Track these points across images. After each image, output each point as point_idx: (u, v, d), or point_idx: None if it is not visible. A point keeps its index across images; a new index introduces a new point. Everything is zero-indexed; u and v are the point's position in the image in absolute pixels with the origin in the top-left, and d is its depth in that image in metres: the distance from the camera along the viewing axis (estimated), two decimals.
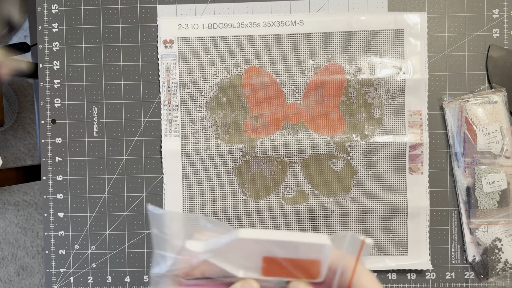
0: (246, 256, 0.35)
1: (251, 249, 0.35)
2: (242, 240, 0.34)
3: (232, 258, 0.35)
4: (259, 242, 0.35)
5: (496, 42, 0.65)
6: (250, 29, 0.66)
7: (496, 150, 0.63)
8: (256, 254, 0.35)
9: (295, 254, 0.35)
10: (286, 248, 0.35)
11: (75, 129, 0.68)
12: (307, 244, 0.34)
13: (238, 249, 0.35)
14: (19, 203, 1.42)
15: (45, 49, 0.68)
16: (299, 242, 0.34)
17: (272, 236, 0.34)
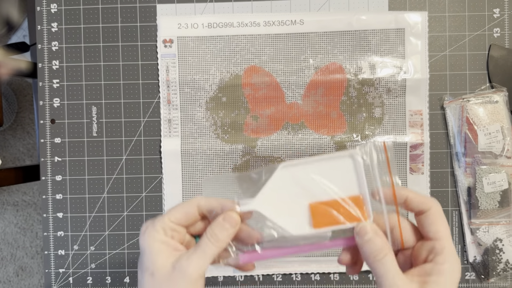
0: (295, 208, 0.38)
1: (296, 193, 0.38)
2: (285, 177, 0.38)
3: (281, 210, 0.38)
4: (297, 170, 0.38)
5: (497, 41, 0.65)
6: (250, 29, 0.65)
7: (497, 150, 0.63)
8: (303, 201, 0.38)
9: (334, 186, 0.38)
10: (322, 173, 0.38)
11: (74, 129, 0.67)
12: (337, 158, 0.38)
13: (285, 196, 0.38)
14: (18, 203, 1.42)
15: (44, 49, 0.67)
16: (330, 157, 0.38)
17: (306, 160, 0.38)
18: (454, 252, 0.36)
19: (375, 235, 0.36)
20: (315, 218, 0.38)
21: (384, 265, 0.34)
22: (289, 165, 0.39)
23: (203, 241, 0.37)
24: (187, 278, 0.35)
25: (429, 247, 0.36)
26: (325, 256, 0.66)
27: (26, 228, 1.42)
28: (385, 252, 0.35)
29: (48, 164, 0.67)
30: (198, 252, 0.37)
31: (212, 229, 0.38)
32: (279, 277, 0.66)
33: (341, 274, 0.66)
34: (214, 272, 0.66)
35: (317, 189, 0.38)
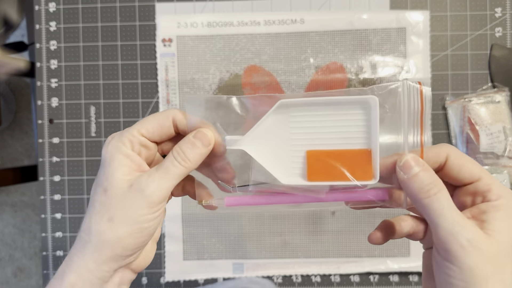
0: (289, 155, 0.34)
1: (293, 137, 0.34)
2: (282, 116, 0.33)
3: (272, 154, 0.34)
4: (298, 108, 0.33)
5: (499, 41, 0.65)
6: (250, 28, 0.65)
7: (499, 151, 0.62)
8: (299, 147, 0.33)
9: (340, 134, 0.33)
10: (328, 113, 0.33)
11: (72, 129, 0.67)
12: (349, 101, 0.33)
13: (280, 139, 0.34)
14: (17, 204, 1.41)
15: (43, 48, 0.67)
16: (340, 99, 0.33)
17: (312, 99, 0.33)
18: (503, 186, 0.30)
19: (425, 169, 0.30)
20: (311, 169, 0.33)
21: (440, 201, 0.29)
22: (289, 103, 0.33)
23: (168, 158, 0.32)
24: (144, 199, 0.31)
25: (471, 191, 0.31)
26: (325, 258, 0.65)
27: (24, 229, 1.42)
28: (439, 187, 0.29)
29: (46, 164, 0.67)
30: (160, 170, 0.32)
31: (179, 146, 0.33)
32: (279, 279, 0.66)
33: (341, 276, 0.65)
34: (213, 273, 0.66)
35: (319, 135, 0.33)
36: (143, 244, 0.32)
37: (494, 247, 0.28)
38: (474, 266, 0.27)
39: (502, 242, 0.28)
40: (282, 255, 0.66)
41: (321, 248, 0.65)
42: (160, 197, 0.31)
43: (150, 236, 0.32)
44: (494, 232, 0.28)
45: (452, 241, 0.28)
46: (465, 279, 0.27)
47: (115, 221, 0.31)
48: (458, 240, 0.27)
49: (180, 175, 0.32)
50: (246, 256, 0.66)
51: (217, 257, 0.66)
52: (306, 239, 0.65)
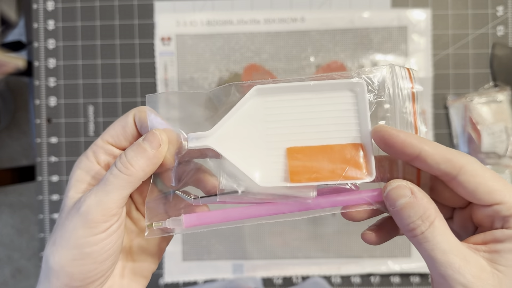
0: (266, 152, 0.28)
1: (270, 130, 0.28)
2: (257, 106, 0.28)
3: (247, 152, 0.28)
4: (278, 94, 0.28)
5: (501, 40, 0.64)
6: (250, 26, 0.64)
7: (501, 150, 0.62)
8: (279, 143, 0.28)
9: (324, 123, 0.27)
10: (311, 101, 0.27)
11: (71, 129, 0.66)
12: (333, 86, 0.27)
13: (254, 133, 0.28)
14: (15, 204, 1.41)
15: (41, 47, 0.66)
16: (322, 83, 0.27)
17: (292, 84, 0.27)
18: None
19: (414, 197, 0.25)
20: (293, 169, 0.27)
21: (429, 240, 0.24)
22: (265, 90, 0.28)
23: (109, 170, 0.27)
24: (80, 218, 0.26)
25: (490, 213, 0.25)
26: (326, 258, 0.65)
27: (23, 229, 1.41)
28: (430, 220, 0.24)
29: (44, 164, 0.66)
30: (99, 185, 0.27)
31: (124, 152, 0.28)
32: (279, 280, 0.65)
33: (342, 277, 0.65)
34: (213, 274, 0.65)
35: (300, 128, 0.28)
36: (93, 274, 0.27)
37: (503, 286, 0.23)
38: None
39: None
40: (282, 256, 0.65)
41: (321, 249, 0.65)
42: (99, 215, 0.26)
43: (100, 264, 0.27)
44: (505, 268, 0.24)
45: (446, 286, 0.24)
46: None
47: (56, 244, 0.27)
48: (452, 286, 0.24)
49: (123, 186, 0.27)
50: (246, 257, 0.65)
51: (216, 258, 0.65)
52: (306, 240, 0.65)
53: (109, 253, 0.27)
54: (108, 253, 0.27)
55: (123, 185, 0.27)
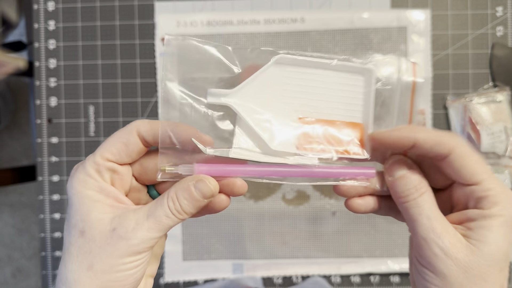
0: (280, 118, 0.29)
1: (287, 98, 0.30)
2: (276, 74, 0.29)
3: (261, 115, 0.30)
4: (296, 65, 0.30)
5: (500, 40, 0.64)
6: (250, 27, 0.64)
7: (500, 150, 0.62)
8: (292, 112, 0.30)
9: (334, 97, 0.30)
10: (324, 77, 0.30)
11: (71, 129, 0.66)
12: (347, 68, 0.30)
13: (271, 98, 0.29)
14: (15, 204, 1.41)
15: (41, 47, 0.66)
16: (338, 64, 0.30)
17: (312, 59, 0.30)
18: (502, 188, 0.28)
19: (410, 171, 0.29)
20: (302, 137, 0.30)
21: (418, 206, 0.28)
22: (287, 60, 0.30)
23: (162, 206, 0.28)
24: (129, 248, 0.27)
25: (467, 193, 0.29)
26: (326, 258, 0.65)
27: (23, 229, 1.41)
28: (421, 191, 0.28)
29: (45, 164, 0.66)
30: (151, 220, 0.28)
31: (176, 193, 0.28)
32: (279, 279, 0.65)
33: (342, 276, 0.65)
34: (213, 274, 0.66)
35: (312, 102, 0.30)
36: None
37: (475, 257, 0.27)
38: (448, 273, 0.27)
39: (486, 253, 0.27)
40: (282, 256, 0.65)
41: (321, 249, 0.65)
42: (147, 247, 0.28)
43: (137, 282, 0.29)
44: (477, 242, 0.27)
45: (425, 248, 0.27)
46: (439, 284, 0.27)
47: (95, 269, 0.27)
48: (431, 248, 0.27)
49: (171, 226, 0.29)
50: (246, 257, 0.65)
51: (216, 257, 0.66)
52: (306, 239, 0.65)
53: (143, 272, 0.29)
54: (143, 271, 0.29)
55: (171, 226, 0.29)
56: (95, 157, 0.28)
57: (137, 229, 0.27)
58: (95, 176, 0.28)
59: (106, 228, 0.27)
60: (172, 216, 0.28)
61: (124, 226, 0.27)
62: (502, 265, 0.27)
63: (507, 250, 0.27)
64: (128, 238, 0.27)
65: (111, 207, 0.28)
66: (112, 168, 0.29)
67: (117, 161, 0.29)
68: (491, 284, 0.27)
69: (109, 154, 0.29)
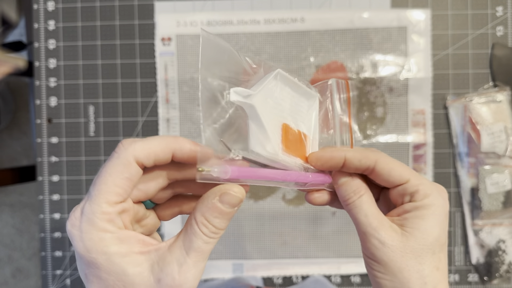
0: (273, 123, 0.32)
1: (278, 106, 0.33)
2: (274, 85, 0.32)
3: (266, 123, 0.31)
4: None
5: (500, 40, 0.64)
6: (250, 27, 0.64)
7: (500, 150, 0.62)
8: (280, 118, 0.33)
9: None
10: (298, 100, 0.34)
11: (71, 129, 0.66)
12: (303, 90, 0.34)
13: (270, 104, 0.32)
14: (15, 204, 1.41)
15: (41, 47, 0.66)
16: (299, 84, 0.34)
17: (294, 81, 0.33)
18: (429, 183, 0.32)
19: (351, 178, 0.33)
20: (286, 142, 0.32)
21: (357, 206, 0.32)
22: (284, 75, 0.33)
23: (197, 235, 0.26)
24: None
25: (400, 191, 0.32)
26: (325, 258, 0.65)
27: (23, 229, 1.41)
28: (359, 194, 0.32)
29: (45, 164, 0.66)
30: (194, 255, 0.26)
31: (205, 216, 0.27)
32: (279, 279, 0.65)
33: (342, 276, 0.65)
34: (213, 274, 0.66)
35: (292, 113, 0.34)
36: None
37: (409, 243, 0.30)
38: (387, 260, 0.30)
39: (418, 237, 0.30)
40: (282, 256, 0.65)
41: (321, 249, 0.65)
42: (198, 282, 0.27)
43: None
44: (411, 229, 0.31)
45: (366, 241, 0.31)
46: (384, 271, 0.31)
47: None
48: (370, 240, 0.31)
49: (212, 249, 0.28)
50: (246, 257, 0.65)
51: (216, 257, 0.65)
52: (306, 239, 0.65)
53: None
54: None
55: (211, 249, 0.28)
56: (101, 207, 0.25)
57: (183, 271, 0.26)
58: (109, 229, 0.26)
59: (150, 281, 0.26)
60: (210, 240, 0.27)
61: (168, 274, 0.26)
62: (435, 249, 0.31)
63: (439, 235, 0.31)
64: (179, 286, 0.26)
65: (141, 254, 0.26)
66: (121, 210, 0.27)
67: (124, 200, 0.27)
68: (426, 265, 0.30)
69: (116, 197, 0.26)
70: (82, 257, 0.26)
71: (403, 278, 0.30)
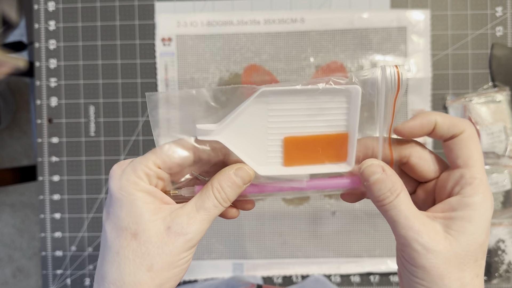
0: (267, 144, 0.32)
1: (272, 125, 0.31)
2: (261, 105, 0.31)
3: (248, 144, 0.32)
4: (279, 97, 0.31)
5: (500, 40, 0.64)
6: (250, 27, 0.65)
7: (500, 150, 0.62)
8: (278, 136, 0.31)
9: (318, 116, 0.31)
10: (309, 102, 0.31)
11: (72, 129, 0.66)
12: (331, 91, 0.31)
13: (257, 128, 0.31)
14: (16, 204, 1.41)
15: (42, 47, 0.66)
16: (324, 88, 0.31)
17: (295, 87, 0.31)
18: (486, 183, 0.29)
19: (385, 174, 0.30)
20: (287, 155, 0.32)
21: (395, 207, 0.29)
22: (269, 92, 0.31)
23: (209, 197, 0.30)
24: (187, 243, 0.29)
25: (456, 177, 0.30)
26: (325, 258, 0.65)
27: (24, 229, 1.41)
28: (396, 193, 0.29)
29: (45, 164, 0.67)
30: (202, 213, 0.30)
31: (220, 183, 0.30)
32: (279, 279, 0.65)
33: (342, 276, 0.65)
34: (213, 273, 0.66)
35: (297, 123, 0.32)
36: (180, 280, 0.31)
37: (453, 248, 0.28)
38: (429, 266, 0.28)
39: (462, 243, 0.28)
40: (282, 255, 0.65)
41: (321, 248, 0.65)
42: (199, 239, 0.30)
43: (185, 271, 0.31)
44: (456, 233, 0.28)
45: (407, 245, 0.29)
46: (422, 277, 0.29)
47: (155, 269, 0.29)
48: (412, 245, 0.28)
49: (217, 215, 0.31)
50: (246, 256, 0.65)
51: (217, 257, 0.66)
52: (306, 239, 0.65)
53: (189, 265, 0.31)
54: (189, 264, 0.31)
55: (218, 214, 0.31)
56: (148, 162, 0.30)
57: (191, 223, 0.29)
58: (145, 179, 0.30)
59: (161, 228, 0.29)
60: (219, 205, 0.30)
61: (178, 223, 0.29)
62: (477, 256, 0.29)
63: (484, 241, 0.29)
64: (184, 234, 0.29)
65: (160, 208, 0.30)
66: (161, 176, 0.31)
67: (167, 169, 0.31)
68: (467, 273, 0.28)
69: (162, 165, 0.30)
70: (113, 194, 0.30)
71: (443, 286, 0.28)
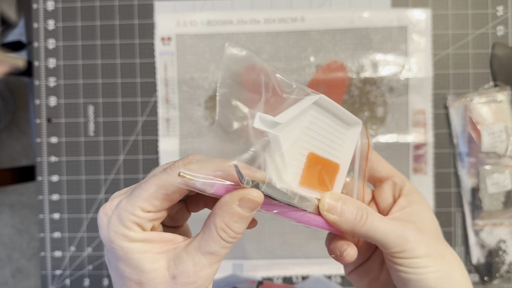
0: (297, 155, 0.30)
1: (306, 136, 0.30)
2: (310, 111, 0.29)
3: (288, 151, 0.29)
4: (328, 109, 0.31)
5: (500, 40, 0.64)
6: (250, 26, 0.64)
7: (501, 150, 0.62)
8: (303, 150, 0.30)
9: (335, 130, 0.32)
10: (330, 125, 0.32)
11: (71, 128, 0.66)
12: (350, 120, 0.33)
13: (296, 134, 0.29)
14: (15, 204, 1.41)
15: (41, 47, 0.66)
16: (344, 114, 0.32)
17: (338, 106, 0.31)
18: (409, 181, 0.36)
19: (343, 203, 0.30)
20: (306, 174, 0.30)
21: (373, 222, 0.30)
22: (327, 101, 0.30)
23: (214, 239, 0.27)
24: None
25: (390, 186, 0.36)
26: (326, 258, 0.65)
27: (23, 229, 1.41)
28: (366, 211, 0.31)
29: (44, 164, 0.66)
30: (210, 257, 0.27)
31: (224, 221, 0.27)
32: (279, 280, 0.65)
33: (342, 277, 0.65)
34: None
35: (328, 141, 0.31)
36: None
37: (428, 233, 0.32)
38: (428, 250, 0.31)
39: (429, 227, 0.33)
40: (282, 256, 0.65)
41: (321, 248, 0.65)
42: (212, 280, 0.28)
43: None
44: (420, 221, 0.33)
45: (403, 243, 0.30)
46: (426, 263, 0.30)
47: None
48: (408, 239, 0.30)
49: (228, 252, 0.28)
50: (246, 257, 0.65)
51: None
52: (306, 239, 0.65)
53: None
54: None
55: (227, 252, 0.28)
56: (135, 210, 0.26)
57: (198, 271, 0.27)
58: (135, 228, 0.27)
59: (165, 277, 0.27)
60: (228, 244, 0.27)
61: (183, 272, 0.26)
62: (439, 230, 0.34)
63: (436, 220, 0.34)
64: (193, 282, 0.27)
65: (160, 254, 0.27)
66: (153, 218, 0.27)
67: (158, 211, 0.28)
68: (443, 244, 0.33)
69: (151, 207, 0.27)
70: (105, 245, 0.27)
71: (448, 262, 0.31)
